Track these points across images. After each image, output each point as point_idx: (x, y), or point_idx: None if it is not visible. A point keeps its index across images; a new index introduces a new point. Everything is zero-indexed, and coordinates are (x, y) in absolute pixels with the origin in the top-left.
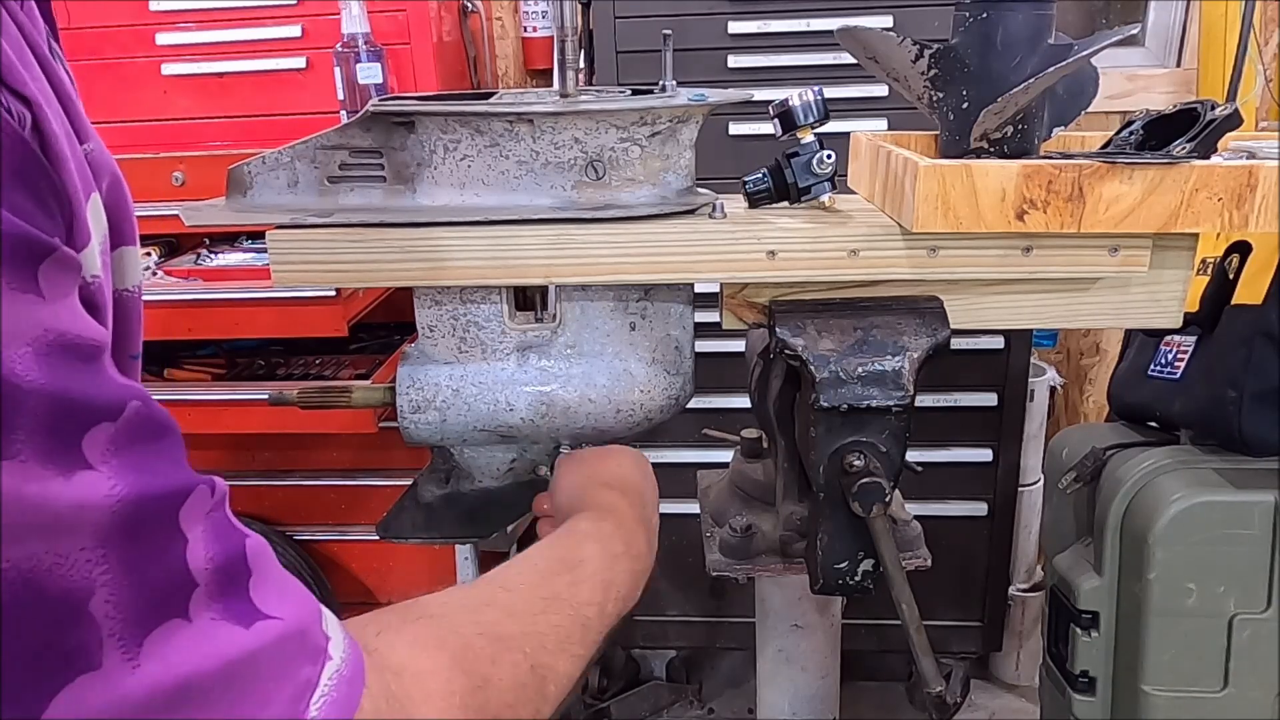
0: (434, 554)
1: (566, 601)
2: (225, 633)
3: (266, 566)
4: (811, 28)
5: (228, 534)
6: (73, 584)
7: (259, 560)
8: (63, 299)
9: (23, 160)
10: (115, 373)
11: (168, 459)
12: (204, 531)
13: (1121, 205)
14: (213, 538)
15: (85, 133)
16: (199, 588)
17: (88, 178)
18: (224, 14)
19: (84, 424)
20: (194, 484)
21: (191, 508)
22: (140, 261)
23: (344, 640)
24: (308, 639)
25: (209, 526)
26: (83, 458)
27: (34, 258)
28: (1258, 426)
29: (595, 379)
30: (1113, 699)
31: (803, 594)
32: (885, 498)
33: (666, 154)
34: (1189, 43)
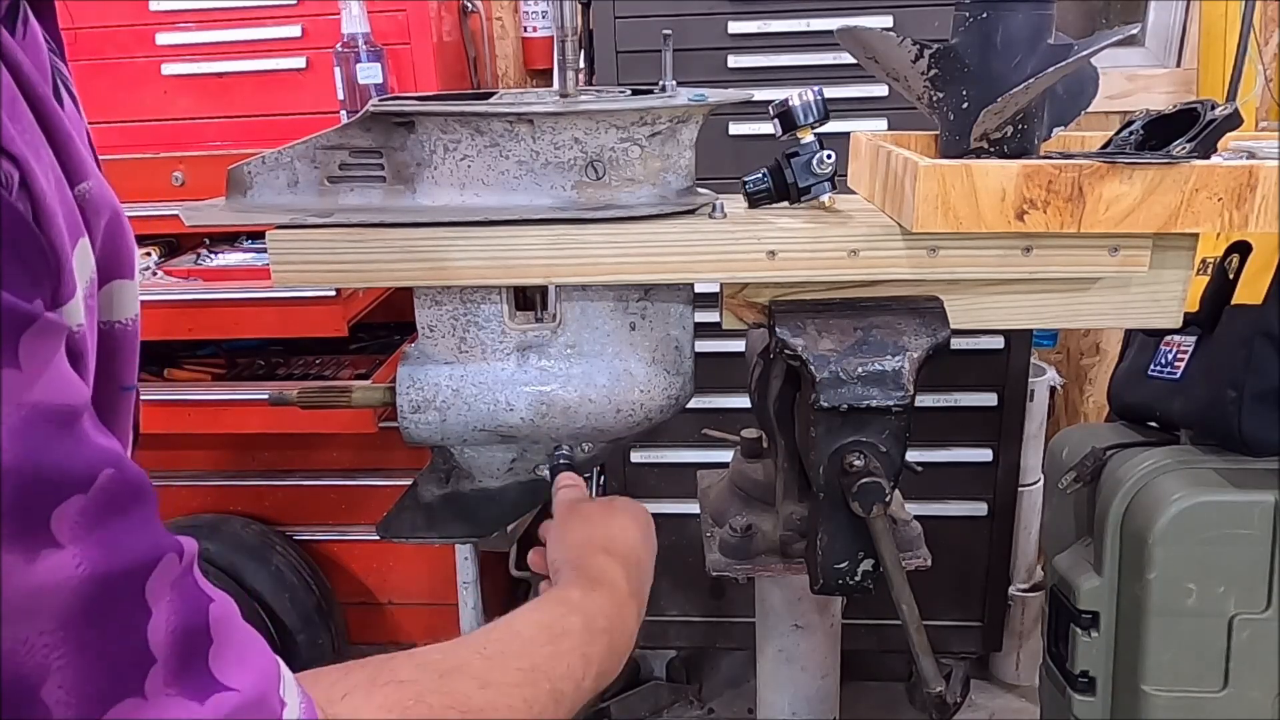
0: (434, 554)
1: (544, 674)
2: (180, 709)
3: (228, 631)
4: (811, 28)
5: (193, 600)
6: (26, 670)
7: (221, 625)
8: (43, 367)
9: (10, 227)
10: (93, 431)
11: (139, 526)
12: (169, 601)
13: (1121, 205)
14: (177, 607)
15: (81, 171)
16: (156, 663)
17: (76, 223)
18: (224, 14)
19: (54, 499)
20: (162, 553)
21: (158, 578)
22: (137, 293)
23: (300, 704)
24: (264, 707)
25: (174, 595)
26: (50, 536)
27: (15, 329)
28: (1258, 426)
29: (595, 379)
30: (1113, 699)
31: (803, 594)
32: (885, 498)
33: (666, 154)
34: (1189, 43)
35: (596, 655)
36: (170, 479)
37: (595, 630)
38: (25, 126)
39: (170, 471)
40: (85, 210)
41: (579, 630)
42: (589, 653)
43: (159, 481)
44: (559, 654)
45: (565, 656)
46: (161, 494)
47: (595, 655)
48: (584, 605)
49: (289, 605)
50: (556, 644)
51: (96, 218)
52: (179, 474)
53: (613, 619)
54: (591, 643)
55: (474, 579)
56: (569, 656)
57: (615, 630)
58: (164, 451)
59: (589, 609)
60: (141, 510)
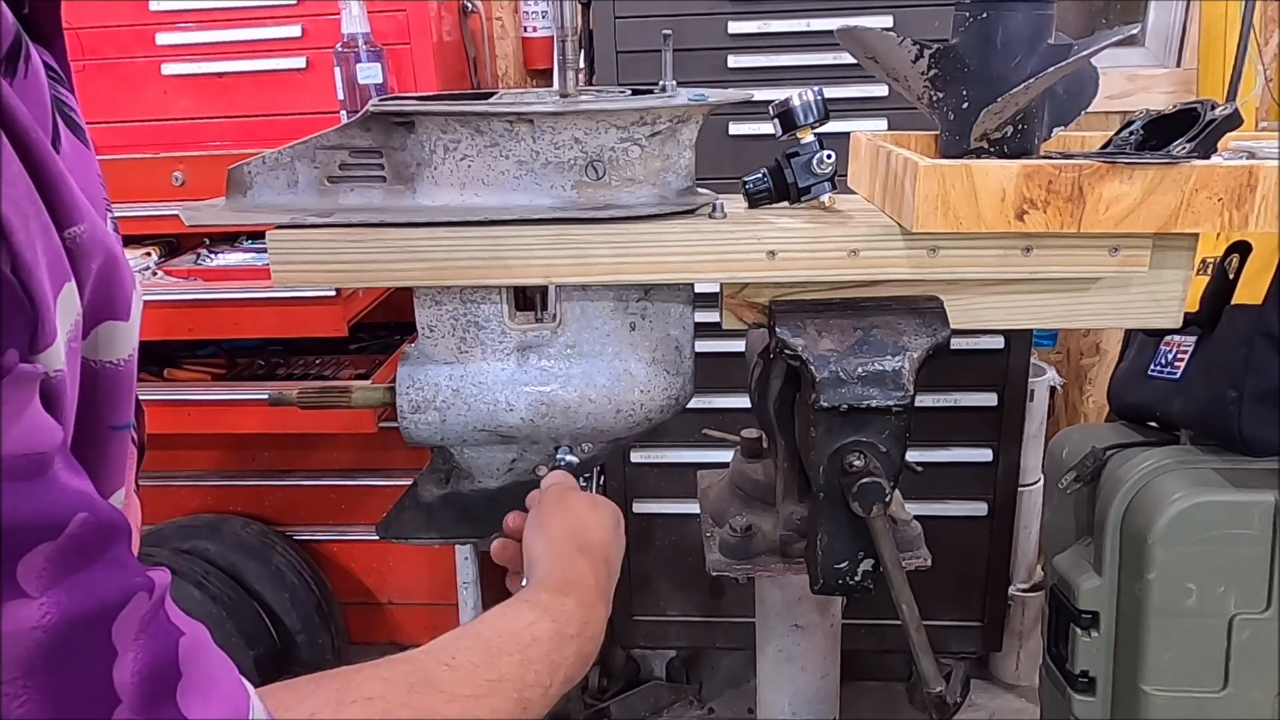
0: (434, 554)
1: (512, 684)
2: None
3: (198, 663)
4: (811, 28)
5: (163, 637)
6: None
7: (191, 658)
8: (15, 416)
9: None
10: (65, 474)
11: (108, 567)
12: (136, 639)
13: (1121, 205)
14: (145, 646)
15: (72, 216)
16: (122, 704)
17: (63, 269)
18: (224, 14)
19: (21, 549)
20: (131, 593)
21: (127, 618)
22: (133, 334)
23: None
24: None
25: (143, 634)
26: (16, 586)
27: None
28: (1258, 426)
29: (595, 379)
30: (1113, 699)
31: (803, 594)
32: (885, 498)
33: (666, 154)
34: (1189, 43)
35: (565, 661)
36: (170, 479)
37: (565, 637)
38: (11, 178)
39: (170, 471)
40: (75, 254)
41: (548, 638)
42: (557, 660)
43: (159, 482)
44: (527, 662)
45: (534, 665)
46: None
47: (563, 661)
48: (555, 610)
49: (289, 605)
50: (525, 652)
51: (87, 261)
52: (179, 474)
53: (583, 624)
54: (560, 649)
55: (474, 579)
56: (537, 665)
57: (584, 635)
58: (164, 451)
59: (560, 614)
60: (112, 550)
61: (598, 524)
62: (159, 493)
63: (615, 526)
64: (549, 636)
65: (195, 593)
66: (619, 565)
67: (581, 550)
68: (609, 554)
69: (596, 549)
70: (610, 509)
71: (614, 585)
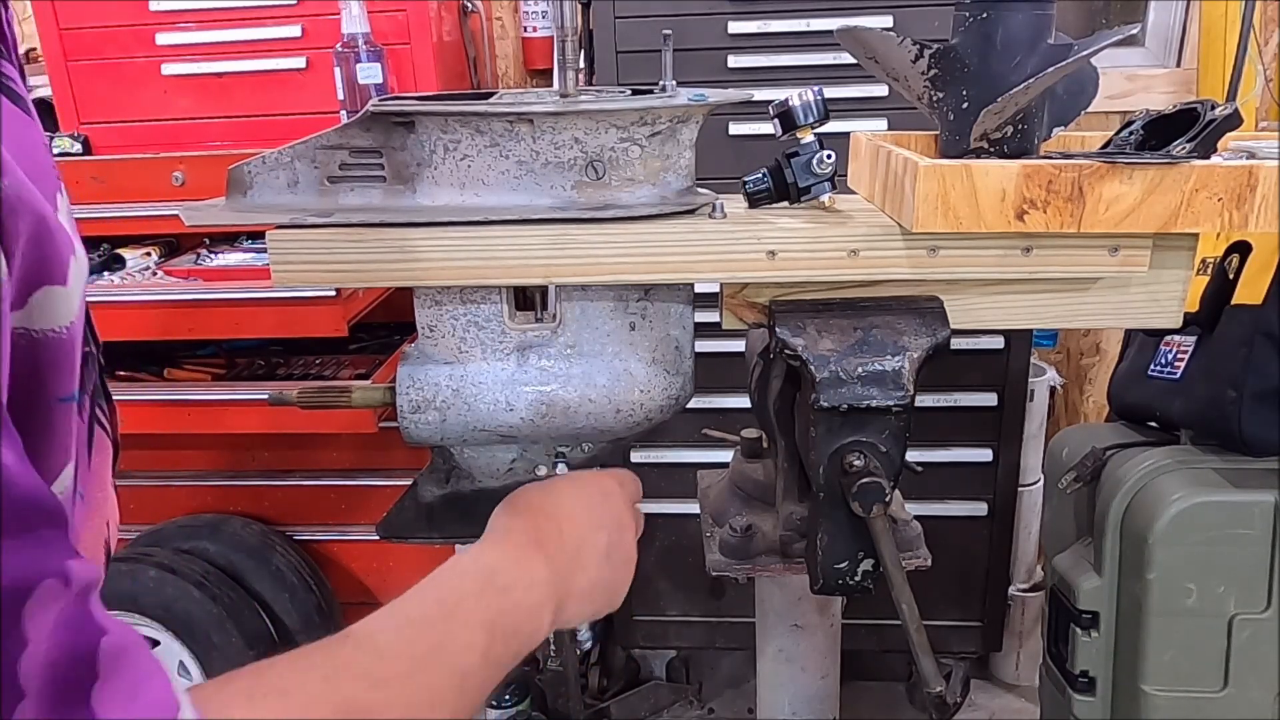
0: (434, 554)
1: (441, 654)
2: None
3: (121, 665)
4: (811, 28)
5: (83, 632)
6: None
7: (116, 661)
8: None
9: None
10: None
11: (23, 545)
12: (51, 631)
13: (1121, 205)
14: (60, 639)
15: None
16: (25, 699)
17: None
18: (224, 14)
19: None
20: (41, 577)
21: (42, 606)
22: (73, 300)
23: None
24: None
25: (59, 626)
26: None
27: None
28: (1258, 426)
29: (595, 379)
30: (1113, 699)
31: (803, 594)
32: (885, 498)
33: (666, 154)
34: (1189, 43)
35: (503, 618)
36: (170, 479)
37: (497, 589)
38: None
39: (170, 471)
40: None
41: (473, 595)
42: (491, 617)
43: (159, 482)
44: (454, 629)
45: (463, 629)
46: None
47: (501, 619)
48: (476, 568)
49: (289, 605)
50: (451, 619)
51: (14, 219)
52: (179, 474)
53: (518, 574)
54: (493, 605)
55: None
56: (467, 628)
57: (519, 585)
58: (164, 451)
59: (483, 569)
60: (33, 531)
61: (552, 489)
62: (159, 493)
63: (575, 490)
64: (475, 593)
65: (195, 593)
66: (587, 521)
67: (514, 511)
68: (553, 511)
69: (533, 507)
70: (593, 476)
71: (563, 540)
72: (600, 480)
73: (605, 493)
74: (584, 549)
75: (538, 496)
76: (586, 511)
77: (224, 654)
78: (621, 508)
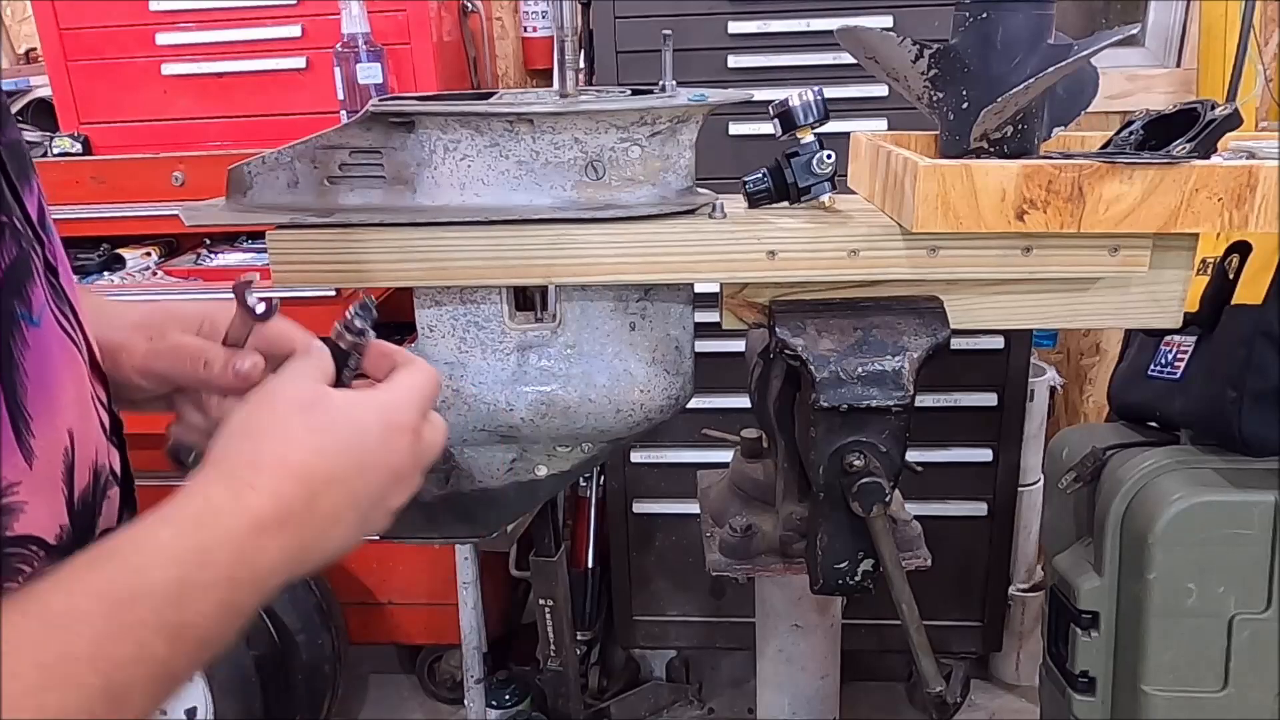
0: (434, 554)
1: (87, 665)
2: None
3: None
4: (811, 28)
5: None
6: None
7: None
8: None
9: None
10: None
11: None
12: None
13: (1121, 205)
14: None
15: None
16: None
17: None
18: (224, 14)
19: None
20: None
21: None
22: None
23: None
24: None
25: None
26: None
27: None
28: (1258, 426)
29: (595, 379)
30: (1113, 699)
31: (803, 594)
32: (885, 498)
33: (666, 154)
34: (1189, 43)
35: (192, 612)
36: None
37: (181, 586)
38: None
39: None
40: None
41: (156, 592)
42: (174, 618)
43: (159, 482)
44: (116, 633)
45: (130, 634)
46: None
47: (190, 615)
48: (160, 553)
49: (289, 605)
50: (113, 618)
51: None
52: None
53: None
54: (170, 605)
55: (474, 579)
56: (136, 634)
57: (195, 564)
58: None
59: (161, 553)
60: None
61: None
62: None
63: (329, 428)
64: (158, 591)
65: None
66: (334, 461)
67: (229, 434)
68: (263, 427)
69: (248, 428)
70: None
71: (302, 458)
72: (389, 418)
73: (393, 429)
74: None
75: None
76: (359, 478)
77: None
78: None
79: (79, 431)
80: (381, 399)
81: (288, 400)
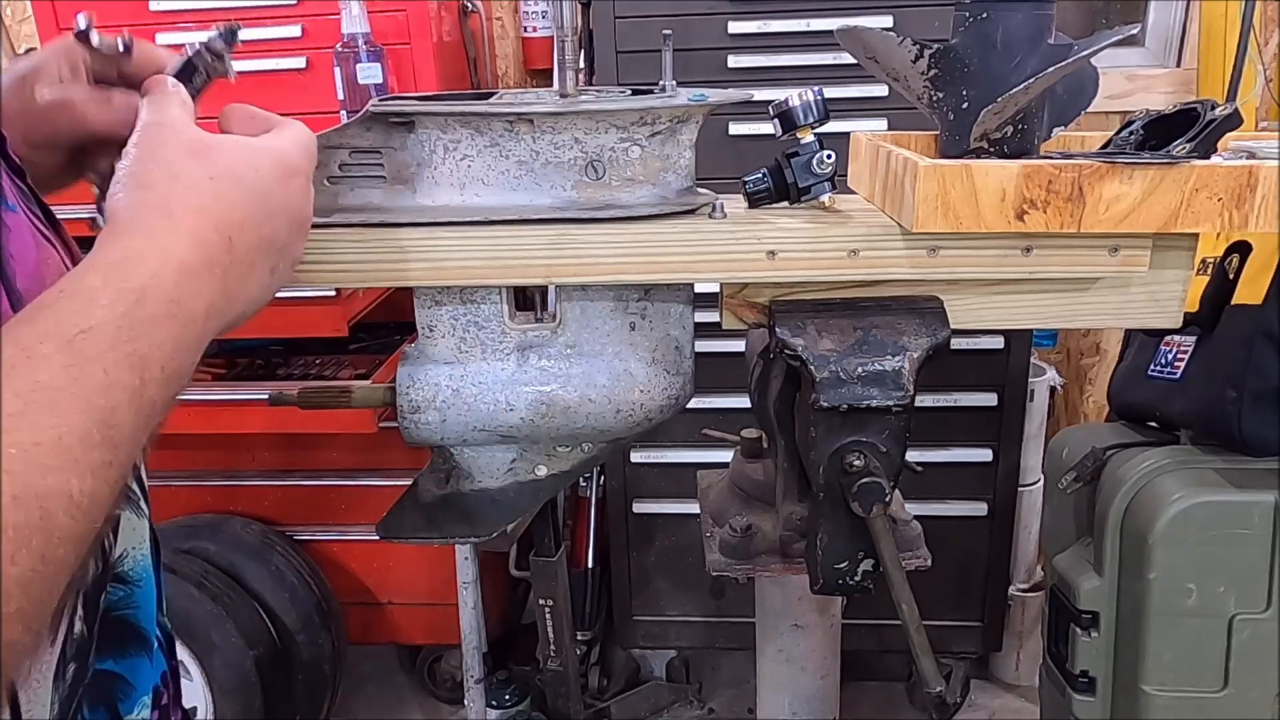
0: (434, 554)
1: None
2: None
3: None
4: (811, 28)
5: None
6: None
7: None
8: None
9: None
10: None
11: None
12: None
13: (1121, 205)
14: None
15: None
16: None
17: None
18: (224, 14)
19: None
20: None
21: None
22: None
23: None
24: None
25: None
26: None
27: None
28: (1258, 426)
29: (595, 379)
30: (1113, 699)
31: (803, 594)
32: (885, 498)
33: (666, 154)
34: (1189, 43)
35: (126, 406)
36: (170, 479)
37: (124, 305)
38: None
39: (170, 471)
40: None
41: (106, 327)
42: (130, 348)
43: (159, 481)
44: (81, 364)
45: (94, 365)
46: (162, 494)
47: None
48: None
49: (289, 605)
50: (72, 350)
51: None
52: (179, 474)
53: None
54: (124, 337)
55: (474, 579)
56: (100, 364)
57: (134, 301)
58: (164, 451)
59: (97, 296)
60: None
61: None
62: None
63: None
64: (107, 321)
65: (195, 592)
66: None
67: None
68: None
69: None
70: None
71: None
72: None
73: (289, 172)
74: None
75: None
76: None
77: (224, 654)
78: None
79: None
80: (271, 144)
81: (177, 147)
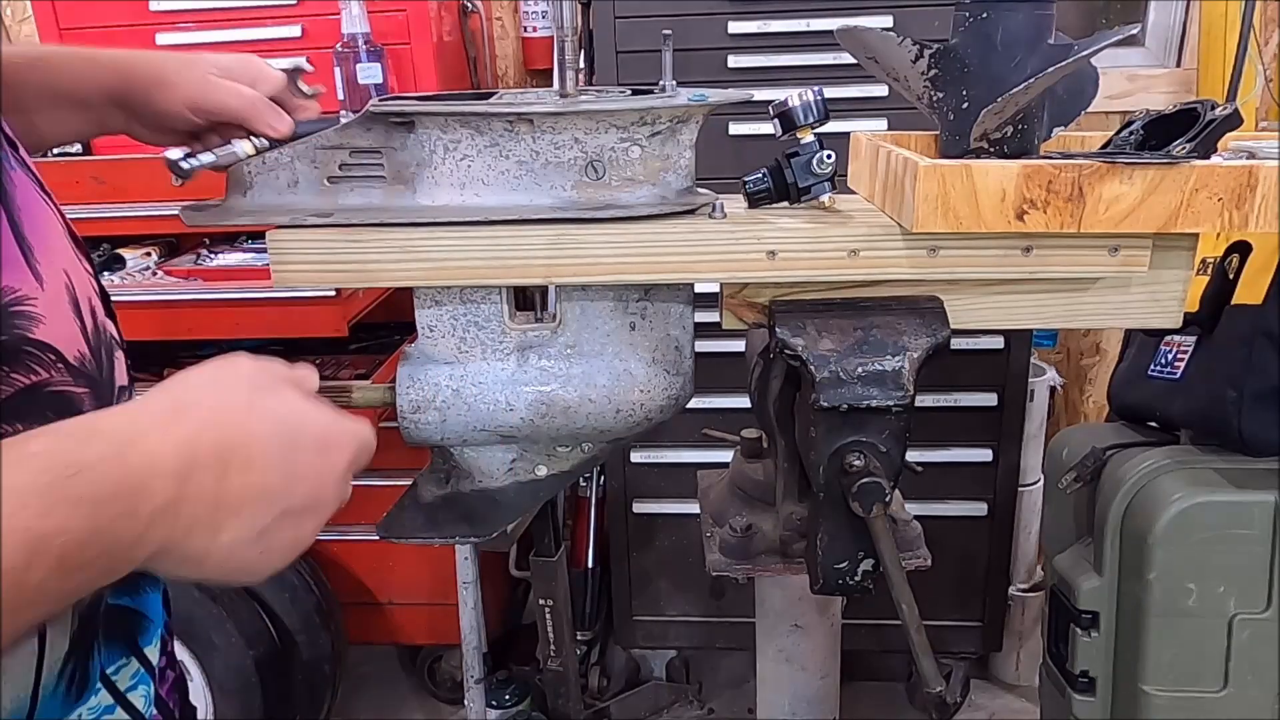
0: (434, 554)
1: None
2: None
3: None
4: (811, 28)
5: None
6: None
7: None
8: None
9: None
10: None
11: None
12: None
13: (1121, 205)
14: None
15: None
16: None
17: None
18: (224, 14)
19: None
20: None
21: None
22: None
23: None
24: None
25: None
26: None
27: None
28: (1258, 426)
29: (595, 379)
30: (1113, 699)
31: (803, 594)
32: (885, 498)
33: (666, 154)
34: (1189, 43)
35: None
36: None
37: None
38: None
39: None
40: None
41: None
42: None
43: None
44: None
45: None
46: None
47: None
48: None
49: (289, 605)
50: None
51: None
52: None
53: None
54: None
55: (474, 579)
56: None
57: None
58: None
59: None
60: None
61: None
62: None
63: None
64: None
65: (195, 592)
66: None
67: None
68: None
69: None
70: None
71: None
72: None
73: (325, 447)
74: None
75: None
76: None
77: (224, 654)
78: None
79: (74, 275)
80: (332, 418)
81: (246, 373)
